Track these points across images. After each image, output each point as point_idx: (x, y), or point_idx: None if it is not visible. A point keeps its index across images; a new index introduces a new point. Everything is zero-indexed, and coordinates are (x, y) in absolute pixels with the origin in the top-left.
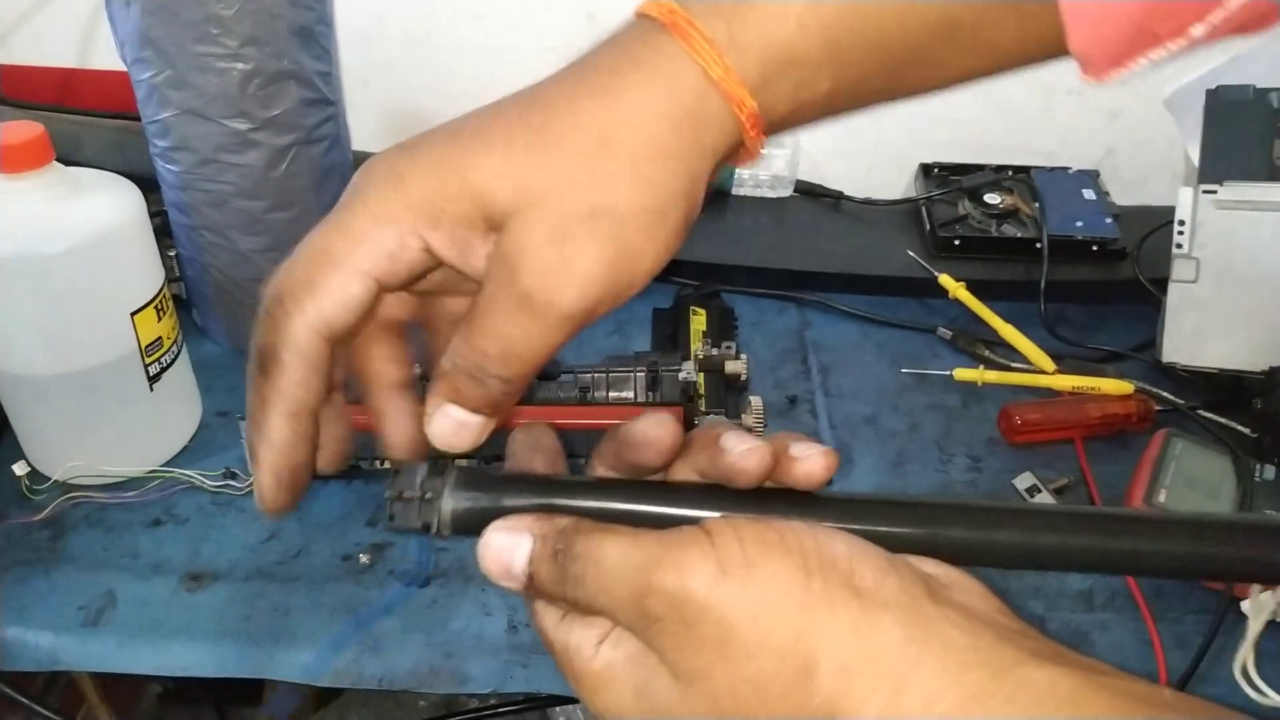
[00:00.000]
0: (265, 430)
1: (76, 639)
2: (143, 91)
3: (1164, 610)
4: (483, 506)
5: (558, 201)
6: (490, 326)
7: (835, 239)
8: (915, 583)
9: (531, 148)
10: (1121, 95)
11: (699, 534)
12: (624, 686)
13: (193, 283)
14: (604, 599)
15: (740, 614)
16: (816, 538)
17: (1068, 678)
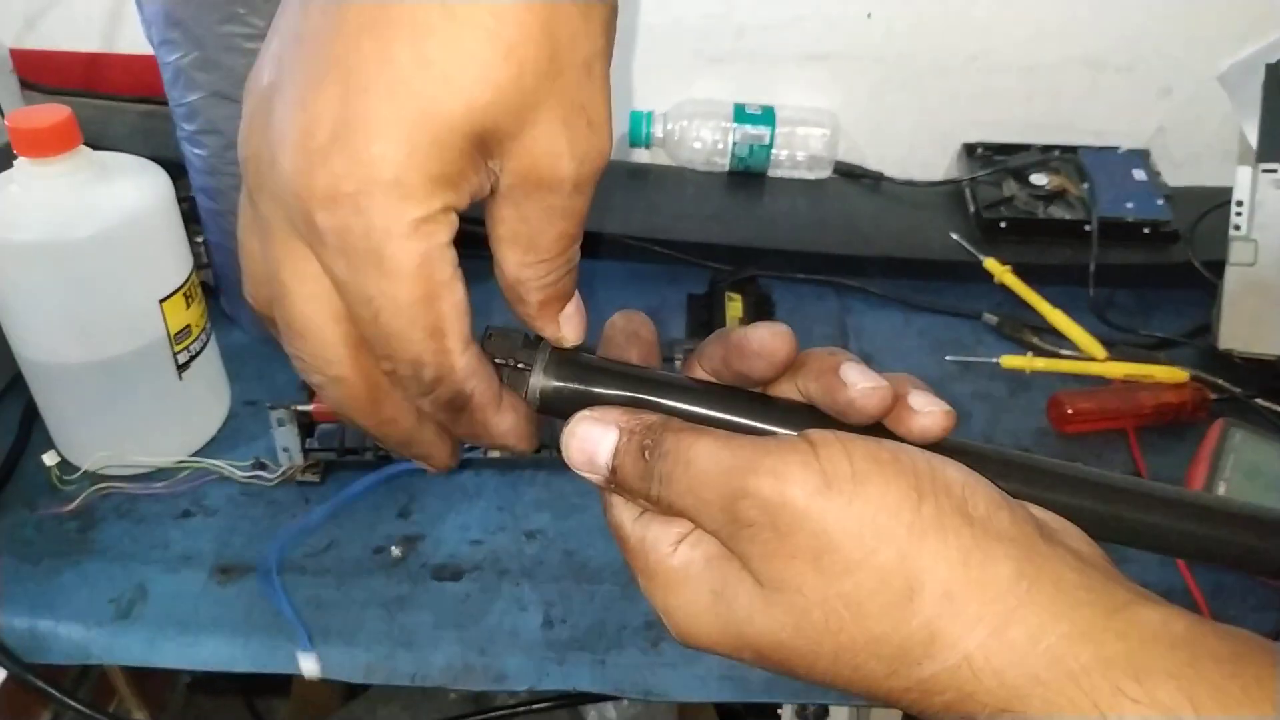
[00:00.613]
0: (496, 434)
1: (107, 632)
2: (169, 74)
3: (1223, 608)
4: (574, 389)
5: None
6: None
7: (875, 222)
8: (1027, 520)
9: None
10: (1173, 71)
11: (801, 443)
12: (700, 587)
13: (221, 270)
14: (690, 499)
15: (843, 528)
16: (930, 462)
17: (1181, 619)
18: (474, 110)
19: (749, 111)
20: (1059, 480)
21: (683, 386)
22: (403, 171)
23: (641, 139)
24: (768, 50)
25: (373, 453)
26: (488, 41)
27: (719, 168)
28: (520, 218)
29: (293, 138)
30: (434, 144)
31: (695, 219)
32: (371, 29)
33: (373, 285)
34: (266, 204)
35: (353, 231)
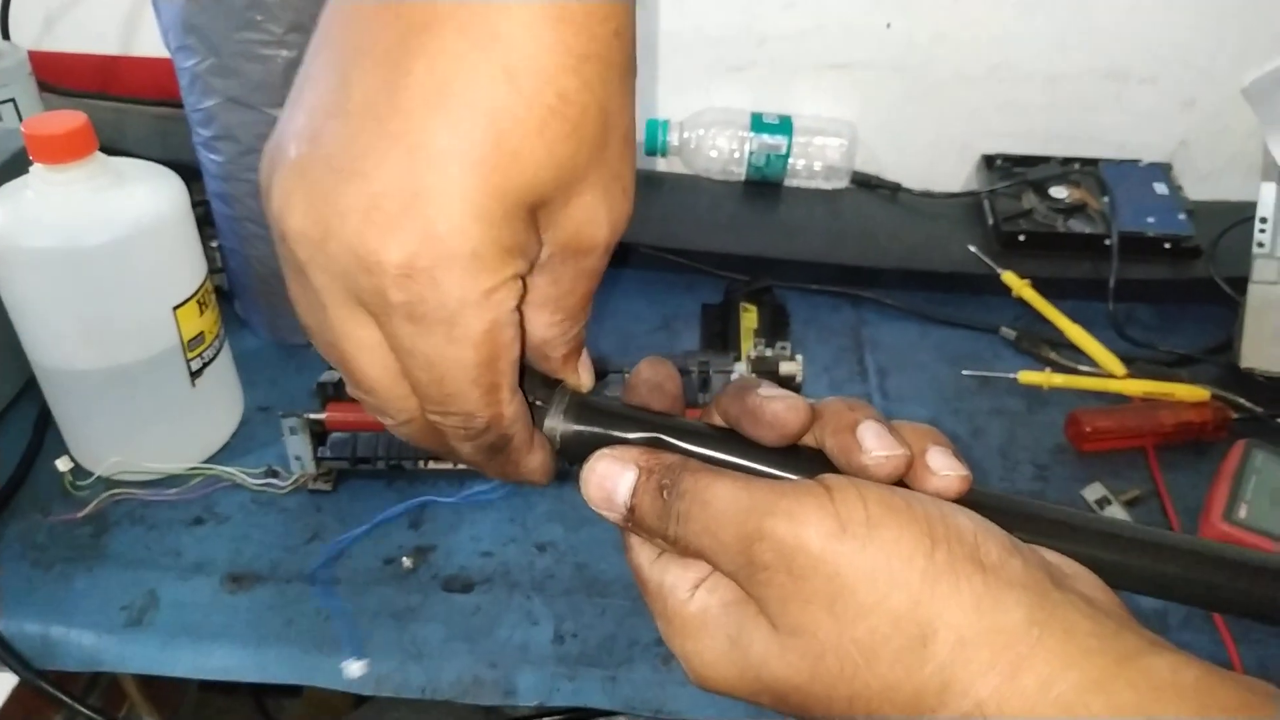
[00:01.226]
0: (525, 472)
1: (118, 640)
2: (186, 79)
3: (1245, 632)
4: (593, 433)
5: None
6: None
7: (893, 233)
8: (1039, 567)
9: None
10: (1196, 83)
11: (817, 488)
12: (717, 633)
13: (235, 275)
14: (707, 540)
15: (857, 573)
16: (942, 509)
17: (1192, 667)
18: (539, 184)
19: (766, 120)
20: (1071, 530)
21: (700, 433)
22: (477, 244)
23: (658, 147)
24: (786, 59)
25: (384, 462)
26: (552, 119)
27: (735, 177)
28: (552, 282)
29: (357, 210)
30: (503, 215)
31: (711, 228)
32: (436, 102)
33: (440, 351)
34: (320, 277)
35: (427, 302)
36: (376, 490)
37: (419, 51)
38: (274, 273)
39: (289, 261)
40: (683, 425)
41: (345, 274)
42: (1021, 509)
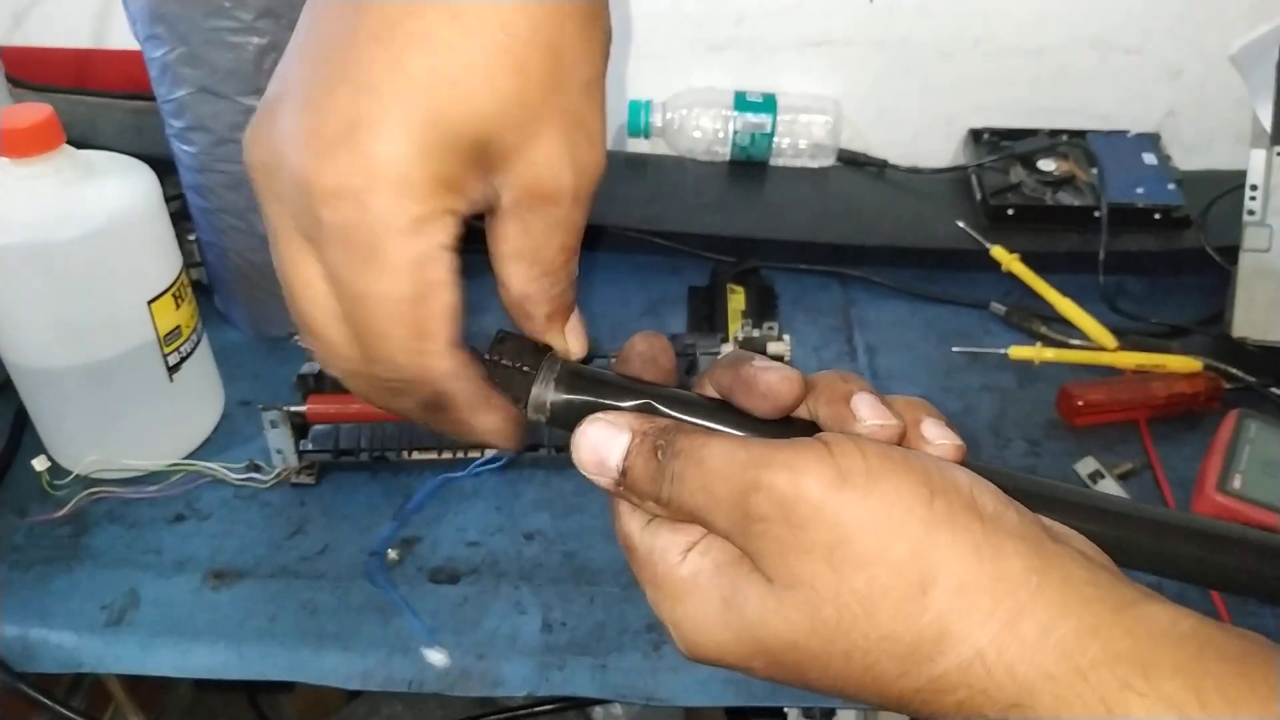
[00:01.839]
0: (479, 434)
1: (99, 640)
2: (156, 70)
3: (1240, 603)
4: (585, 401)
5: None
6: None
7: (880, 210)
8: (1034, 521)
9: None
10: (1184, 52)
11: (815, 442)
12: (709, 595)
13: (213, 268)
14: (702, 497)
15: (857, 522)
16: (939, 463)
17: (1188, 617)
18: (479, 117)
19: (750, 99)
20: (1066, 506)
21: (694, 402)
22: (408, 169)
23: (640, 128)
24: (768, 37)
25: (368, 453)
26: (496, 53)
27: (720, 157)
28: (523, 232)
29: (300, 136)
30: (440, 146)
31: (696, 210)
32: (383, 38)
33: (367, 281)
34: (273, 206)
35: (354, 225)
36: (360, 482)
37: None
38: (253, 265)
39: (256, 197)
40: (676, 395)
41: (289, 200)
42: (1016, 483)
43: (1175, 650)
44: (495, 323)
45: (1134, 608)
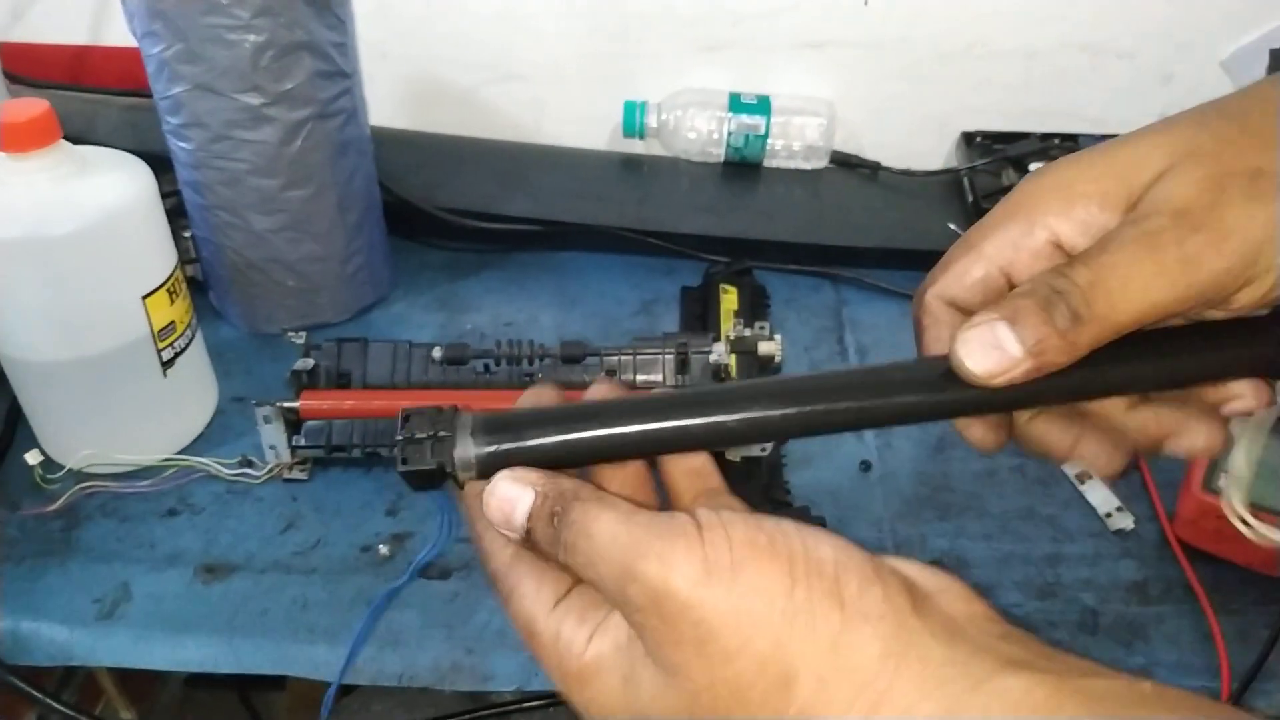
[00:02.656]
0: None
1: (91, 633)
2: (153, 66)
3: (1224, 602)
4: (508, 449)
5: (1216, 158)
6: (1097, 257)
7: (873, 212)
8: (899, 593)
9: (1191, 121)
10: (1175, 57)
11: (689, 525)
12: (611, 675)
13: (208, 264)
14: (590, 573)
15: (721, 618)
16: (805, 542)
17: (1042, 685)
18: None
19: (744, 101)
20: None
21: (607, 409)
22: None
23: (635, 129)
24: (763, 38)
25: (360, 450)
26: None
27: (714, 158)
28: None
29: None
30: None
31: (690, 210)
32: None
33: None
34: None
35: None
36: (353, 479)
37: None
38: (248, 262)
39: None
40: (585, 410)
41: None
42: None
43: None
44: (488, 322)
45: (989, 682)
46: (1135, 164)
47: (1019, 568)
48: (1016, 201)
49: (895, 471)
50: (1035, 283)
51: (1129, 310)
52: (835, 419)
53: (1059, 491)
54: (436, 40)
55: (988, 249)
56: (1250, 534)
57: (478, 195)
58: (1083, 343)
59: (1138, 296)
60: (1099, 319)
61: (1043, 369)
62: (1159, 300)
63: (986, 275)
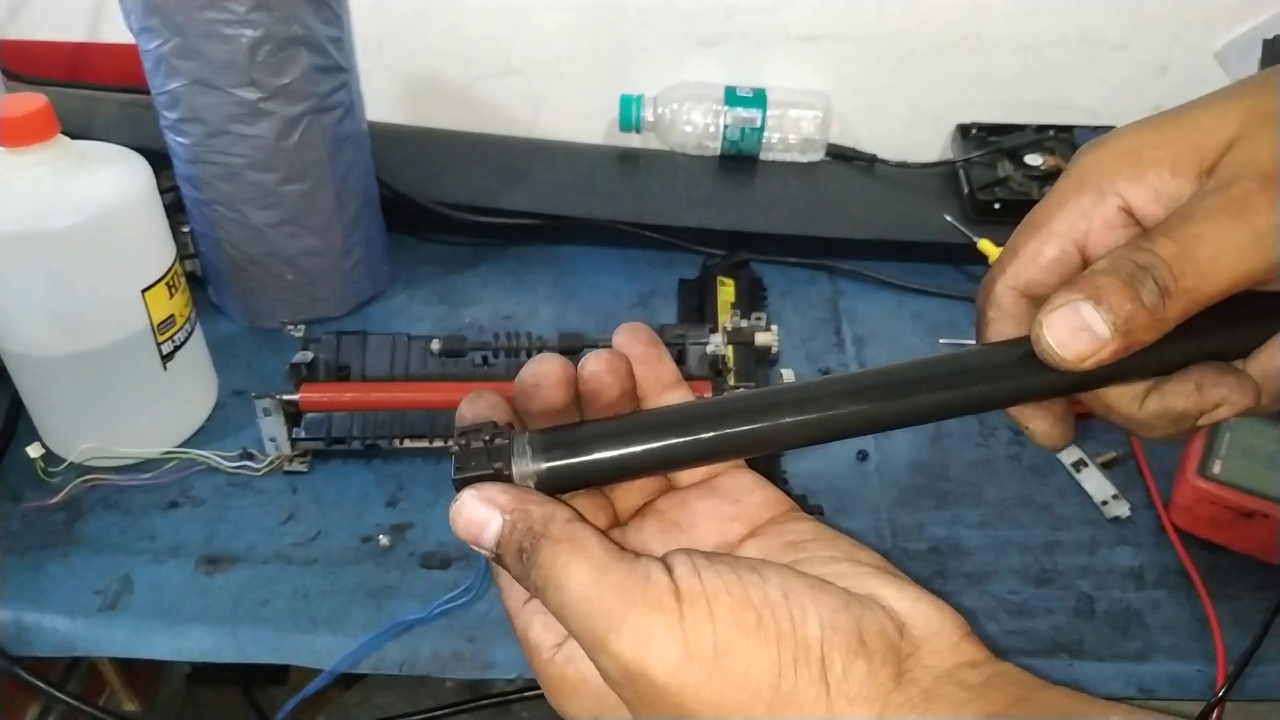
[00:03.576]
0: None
1: (93, 624)
2: (150, 62)
3: (1220, 587)
4: (569, 464)
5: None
6: (1181, 227)
7: (869, 204)
8: (883, 665)
9: (1255, 86)
10: (1169, 48)
11: (668, 596)
12: (580, 705)
13: (207, 259)
14: (565, 624)
15: (703, 705)
16: (793, 615)
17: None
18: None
19: (740, 94)
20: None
21: (674, 421)
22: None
23: (632, 123)
24: (758, 32)
25: (360, 441)
26: None
27: (710, 151)
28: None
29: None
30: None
31: (687, 203)
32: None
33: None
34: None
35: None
36: (353, 470)
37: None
38: (246, 256)
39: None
40: (646, 422)
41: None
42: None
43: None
44: (487, 315)
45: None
46: (1206, 129)
47: (1016, 555)
48: (1081, 173)
49: (892, 460)
50: (1115, 258)
51: (1220, 281)
52: (911, 412)
53: (1055, 479)
54: (433, 35)
55: (1058, 225)
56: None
57: (475, 189)
58: (1171, 318)
59: (1229, 266)
60: (1188, 292)
61: (1130, 348)
62: (1251, 268)
63: (1061, 253)
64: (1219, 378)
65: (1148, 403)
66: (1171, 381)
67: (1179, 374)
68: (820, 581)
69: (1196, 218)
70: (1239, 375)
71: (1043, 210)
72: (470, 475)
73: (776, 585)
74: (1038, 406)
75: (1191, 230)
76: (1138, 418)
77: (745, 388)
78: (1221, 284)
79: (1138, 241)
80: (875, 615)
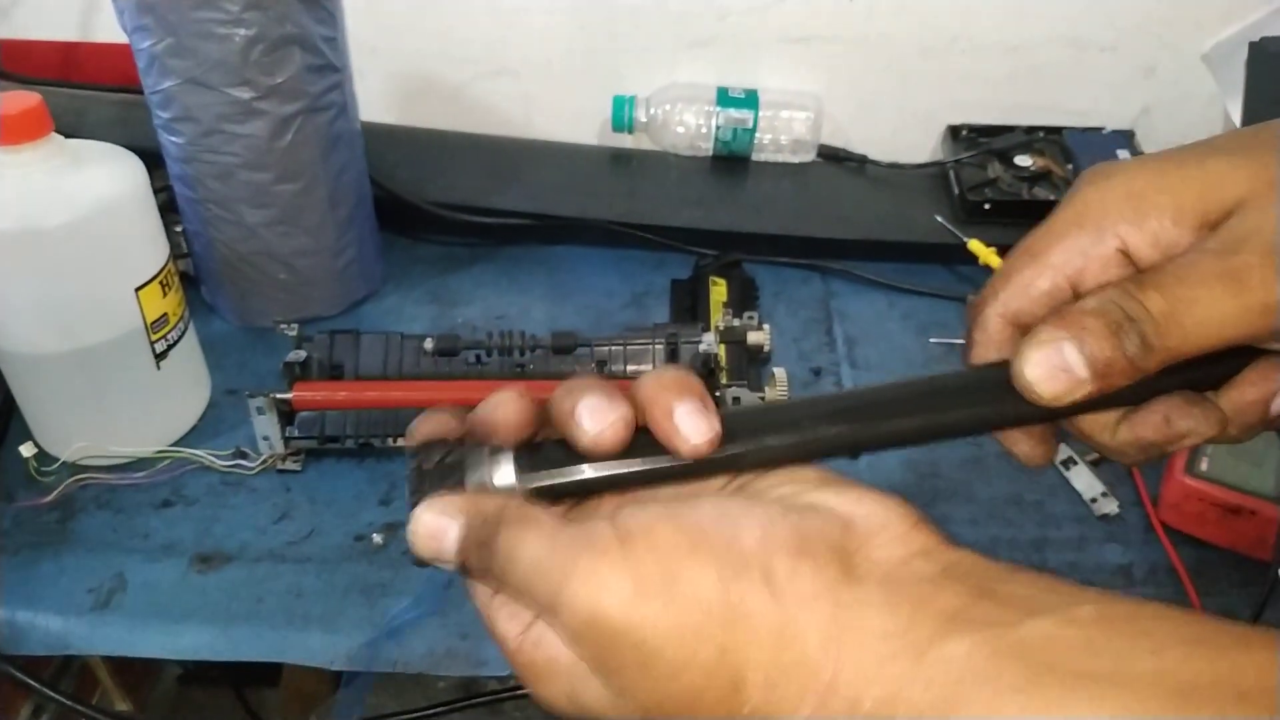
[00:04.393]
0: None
1: (86, 622)
2: (143, 61)
3: (1208, 584)
4: (553, 483)
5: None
6: (1174, 288)
7: (860, 205)
8: (829, 563)
9: (1269, 142)
10: (1158, 51)
11: (610, 540)
12: (554, 685)
13: (200, 258)
14: (526, 599)
15: (661, 635)
16: (726, 532)
17: (984, 645)
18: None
19: (732, 95)
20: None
21: (648, 443)
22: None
23: (624, 124)
24: (750, 33)
25: (353, 440)
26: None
27: (702, 152)
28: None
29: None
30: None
31: (679, 204)
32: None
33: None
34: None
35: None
36: (346, 469)
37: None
38: (240, 256)
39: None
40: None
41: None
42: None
43: (973, 693)
44: (480, 315)
45: (931, 652)
46: (1213, 183)
47: (1006, 552)
48: (1083, 207)
49: (883, 458)
50: (1104, 301)
51: (1202, 344)
52: (892, 435)
53: (1045, 477)
54: (426, 36)
55: (1054, 259)
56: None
57: (469, 190)
58: (1149, 368)
59: (1214, 333)
60: (1170, 350)
61: (1105, 391)
62: (1234, 336)
63: (1054, 287)
64: (1186, 409)
65: (1119, 432)
66: (1141, 412)
67: (1148, 405)
68: (754, 500)
69: (1191, 280)
70: (1205, 406)
71: (1041, 240)
72: (426, 496)
73: (712, 508)
74: (1020, 430)
75: (1184, 293)
76: (1109, 445)
77: (737, 386)
78: (1203, 346)
79: (1129, 287)
80: (813, 519)
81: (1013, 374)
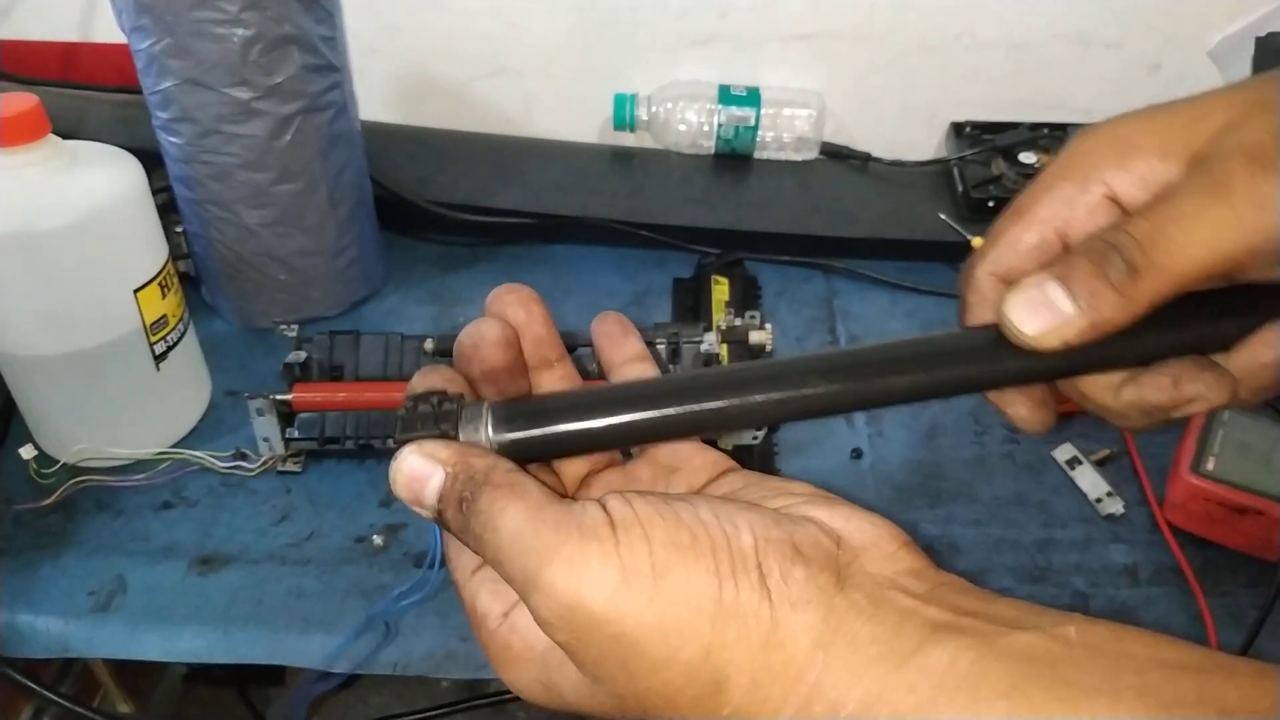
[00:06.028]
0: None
1: (86, 625)
2: (142, 61)
3: (1214, 584)
4: (531, 435)
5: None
6: (1158, 207)
7: (863, 203)
8: (823, 569)
9: (1254, 80)
10: (1163, 47)
11: (602, 525)
12: (529, 671)
13: (200, 259)
14: (501, 570)
15: (645, 630)
16: (725, 530)
17: (967, 652)
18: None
19: (734, 93)
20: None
21: (640, 396)
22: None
23: (626, 122)
24: (752, 31)
25: (353, 441)
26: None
27: (705, 150)
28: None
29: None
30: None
31: (681, 202)
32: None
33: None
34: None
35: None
36: (346, 470)
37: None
38: (239, 256)
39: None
40: (609, 396)
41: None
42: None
43: (953, 698)
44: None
45: (915, 657)
46: (1199, 116)
47: (1010, 553)
48: (1068, 160)
49: (886, 459)
50: (1089, 239)
51: (1192, 259)
52: (883, 393)
53: (1049, 477)
54: (426, 35)
55: (1040, 212)
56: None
57: (469, 189)
58: (1141, 297)
59: (1204, 243)
60: (1158, 269)
61: (1099, 327)
62: (1227, 248)
63: (1041, 240)
64: (1195, 373)
65: (1123, 393)
66: (1148, 374)
67: (1156, 367)
68: (751, 503)
69: (1175, 198)
70: (1215, 371)
71: (1027, 196)
72: (414, 436)
73: (707, 508)
74: (1017, 391)
75: (1166, 210)
76: (1112, 407)
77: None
78: (1195, 262)
79: (1116, 223)
80: (808, 529)
81: (999, 320)
